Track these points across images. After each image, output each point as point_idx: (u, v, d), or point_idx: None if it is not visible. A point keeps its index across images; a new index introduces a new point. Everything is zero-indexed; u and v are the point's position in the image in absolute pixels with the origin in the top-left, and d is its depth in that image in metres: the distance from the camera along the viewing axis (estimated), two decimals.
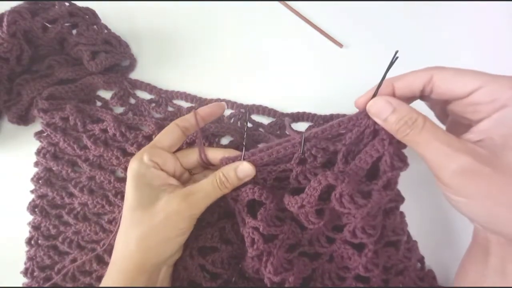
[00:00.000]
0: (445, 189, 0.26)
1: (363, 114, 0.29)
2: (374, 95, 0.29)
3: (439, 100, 0.29)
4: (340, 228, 0.32)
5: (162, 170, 0.33)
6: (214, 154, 0.35)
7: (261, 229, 0.31)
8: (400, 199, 0.34)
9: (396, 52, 0.27)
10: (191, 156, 0.36)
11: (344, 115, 0.40)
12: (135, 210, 0.31)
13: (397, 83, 0.29)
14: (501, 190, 0.24)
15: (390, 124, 0.27)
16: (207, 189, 0.32)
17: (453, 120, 0.31)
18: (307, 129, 0.41)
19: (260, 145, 0.33)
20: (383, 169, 0.29)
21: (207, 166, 0.37)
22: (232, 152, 0.34)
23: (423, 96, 0.29)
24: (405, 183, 0.39)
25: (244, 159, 0.32)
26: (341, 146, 0.30)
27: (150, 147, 0.34)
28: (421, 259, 0.37)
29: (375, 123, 0.29)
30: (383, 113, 0.27)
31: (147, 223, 0.30)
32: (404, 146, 0.29)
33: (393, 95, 0.29)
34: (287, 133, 0.35)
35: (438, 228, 0.39)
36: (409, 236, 0.37)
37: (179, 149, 0.36)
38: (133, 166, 0.32)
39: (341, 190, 0.28)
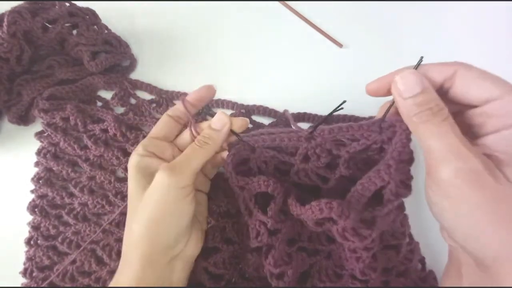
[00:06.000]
0: (436, 188, 0.25)
1: (375, 126, 0.28)
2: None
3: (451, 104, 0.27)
4: None
5: (159, 158, 0.33)
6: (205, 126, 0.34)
7: (269, 225, 0.31)
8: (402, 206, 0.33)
9: (421, 58, 0.27)
10: (185, 136, 0.35)
11: (344, 116, 0.40)
12: (133, 199, 0.31)
13: (424, 71, 0.27)
14: (496, 205, 0.22)
15: (410, 105, 0.25)
16: (187, 153, 0.31)
17: None
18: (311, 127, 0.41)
19: (261, 130, 0.33)
20: (387, 197, 0.27)
21: None
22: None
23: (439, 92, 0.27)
24: None
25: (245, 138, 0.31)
26: (344, 153, 0.29)
27: (146, 139, 0.34)
28: (422, 260, 0.37)
29: (383, 141, 0.27)
30: (410, 91, 0.25)
31: (144, 207, 0.30)
32: (409, 136, 0.27)
33: None
34: (292, 127, 0.33)
35: (439, 228, 0.39)
36: (411, 237, 0.36)
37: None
38: (131, 159, 0.33)
39: (343, 226, 0.27)
